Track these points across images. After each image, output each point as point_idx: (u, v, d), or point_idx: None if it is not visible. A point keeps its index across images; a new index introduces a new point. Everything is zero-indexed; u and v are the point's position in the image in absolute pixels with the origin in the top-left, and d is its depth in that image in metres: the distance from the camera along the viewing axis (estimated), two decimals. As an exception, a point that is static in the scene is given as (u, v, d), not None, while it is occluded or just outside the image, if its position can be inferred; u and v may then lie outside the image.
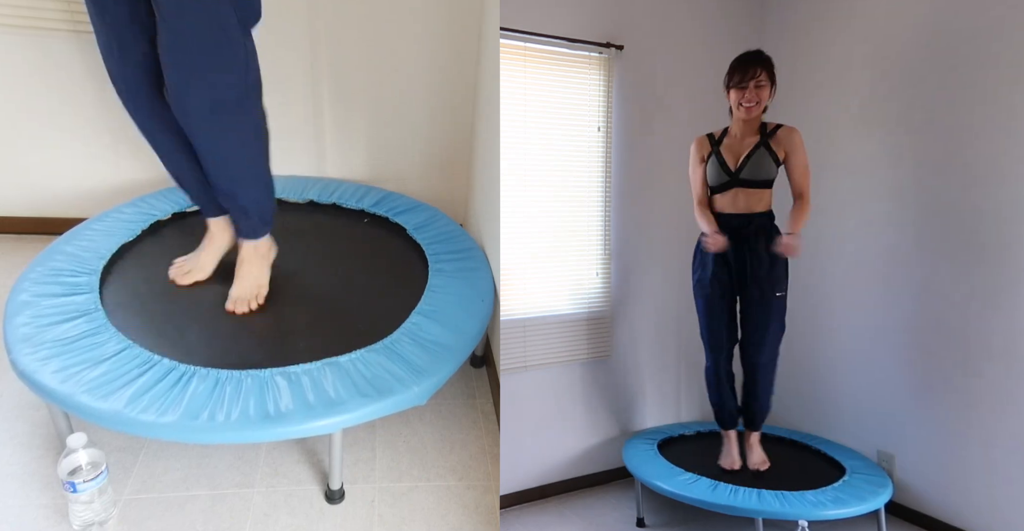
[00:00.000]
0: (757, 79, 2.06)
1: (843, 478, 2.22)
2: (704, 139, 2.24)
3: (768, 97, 2.10)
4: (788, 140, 2.14)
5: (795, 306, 2.72)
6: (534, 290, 2.48)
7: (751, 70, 2.06)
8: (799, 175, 2.15)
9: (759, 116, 2.14)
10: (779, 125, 2.16)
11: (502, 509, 2.40)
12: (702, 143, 2.24)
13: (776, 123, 2.17)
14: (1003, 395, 2.09)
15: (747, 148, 2.16)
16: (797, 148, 2.13)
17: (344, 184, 2.65)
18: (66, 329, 1.79)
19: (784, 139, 2.14)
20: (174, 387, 1.66)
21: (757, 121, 2.15)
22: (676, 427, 2.71)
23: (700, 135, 2.25)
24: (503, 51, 2.27)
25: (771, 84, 2.09)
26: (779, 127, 2.16)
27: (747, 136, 2.17)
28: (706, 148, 2.22)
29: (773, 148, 2.14)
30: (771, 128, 2.16)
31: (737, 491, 2.10)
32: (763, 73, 2.06)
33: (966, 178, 2.16)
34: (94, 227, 2.22)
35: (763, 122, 2.17)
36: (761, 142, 2.14)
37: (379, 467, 1.93)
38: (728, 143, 2.19)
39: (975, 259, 2.14)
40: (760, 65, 2.07)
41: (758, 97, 2.08)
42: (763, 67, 2.07)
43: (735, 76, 2.09)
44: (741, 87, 2.08)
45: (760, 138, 2.15)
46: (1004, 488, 2.10)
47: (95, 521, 1.65)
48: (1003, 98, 2.05)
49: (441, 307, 2.04)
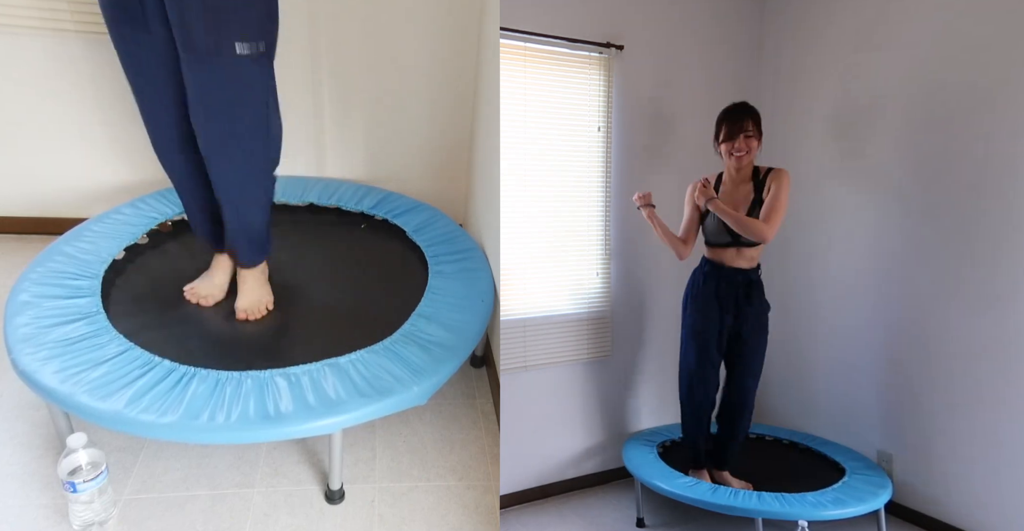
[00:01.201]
0: (745, 131, 2.12)
1: (843, 479, 2.22)
2: (704, 185, 2.22)
3: (757, 146, 2.15)
4: (774, 180, 2.16)
5: (794, 307, 2.72)
6: (534, 290, 2.48)
7: (739, 123, 2.12)
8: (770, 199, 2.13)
9: (751, 163, 2.18)
10: (769, 169, 2.19)
11: (502, 509, 2.40)
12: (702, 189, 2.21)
13: (767, 167, 2.20)
14: (1003, 395, 2.09)
15: (744, 205, 2.18)
16: (780, 184, 2.14)
17: (344, 185, 2.65)
18: (67, 331, 1.79)
19: (774, 181, 2.16)
20: (174, 388, 1.66)
21: (750, 167, 2.20)
22: (676, 427, 2.71)
23: (698, 180, 2.25)
24: (503, 51, 2.27)
25: (758, 135, 2.14)
26: (769, 171, 2.19)
27: (741, 184, 2.21)
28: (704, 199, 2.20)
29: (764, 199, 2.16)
30: (763, 174, 2.19)
31: (737, 492, 2.10)
32: (751, 124, 2.12)
33: (960, 181, 2.16)
34: (94, 228, 2.23)
35: (756, 166, 2.21)
36: (756, 200, 2.17)
37: (379, 467, 1.93)
38: (725, 192, 2.24)
39: (974, 259, 2.14)
40: (747, 116, 2.13)
41: (747, 147, 2.13)
42: (751, 118, 2.13)
43: (724, 130, 2.15)
44: (729, 140, 2.14)
45: (754, 194, 2.18)
46: (1004, 488, 2.10)
47: (95, 521, 1.65)
48: (994, 101, 2.05)
49: (441, 308, 2.04)
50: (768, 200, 2.14)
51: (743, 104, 2.17)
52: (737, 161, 2.16)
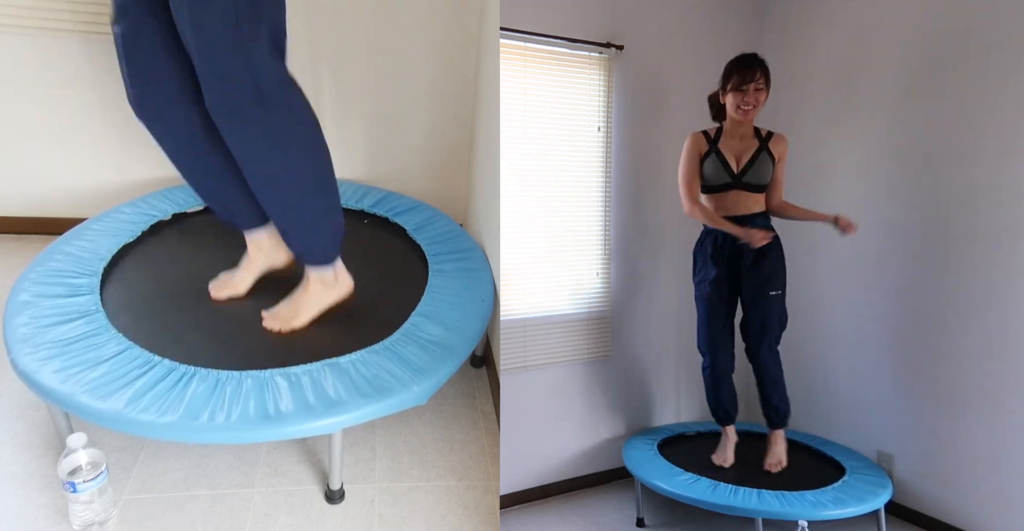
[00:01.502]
0: (756, 82, 2.07)
1: (843, 478, 2.22)
2: (701, 136, 2.22)
3: (764, 100, 2.12)
4: (782, 147, 2.20)
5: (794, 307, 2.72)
6: (534, 290, 2.48)
7: (750, 73, 2.07)
8: (781, 181, 2.25)
9: (752, 119, 2.16)
10: (770, 132, 2.20)
11: (502, 509, 2.40)
12: (699, 139, 2.22)
13: (766, 129, 2.20)
14: (1003, 395, 2.09)
15: (748, 150, 2.17)
16: (785, 155, 2.22)
17: (344, 184, 2.64)
18: (66, 330, 1.79)
19: (779, 144, 2.20)
20: (174, 387, 1.66)
21: (751, 124, 2.18)
22: (676, 427, 2.71)
23: (695, 132, 2.25)
24: (503, 51, 2.27)
25: (767, 88, 2.11)
26: (771, 133, 2.20)
27: (743, 138, 2.19)
28: (704, 145, 2.21)
29: (772, 153, 2.18)
30: (765, 133, 2.19)
31: (737, 491, 2.10)
32: (761, 76, 2.08)
33: (963, 179, 2.16)
34: (94, 227, 2.22)
35: (755, 127, 2.19)
36: (763, 146, 2.17)
37: (379, 467, 1.93)
38: (726, 142, 2.20)
39: (974, 259, 2.14)
40: (758, 67, 2.08)
41: (756, 100, 2.09)
42: (761, 70, 2.08)
43: (734, 79, 2.10)
44: (740, 90, 2.09)
45: (759, 143, 2.17)
46: (1004, 488, 2.10)
47: (95, 521, 1.65)
48: (995, 98, 2.05)
49: (441, 307, 2.04)
50: (779, 182, 2.23)
51: (754, 54, 2.11)
52: (743, 114, 2.11)
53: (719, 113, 2.24)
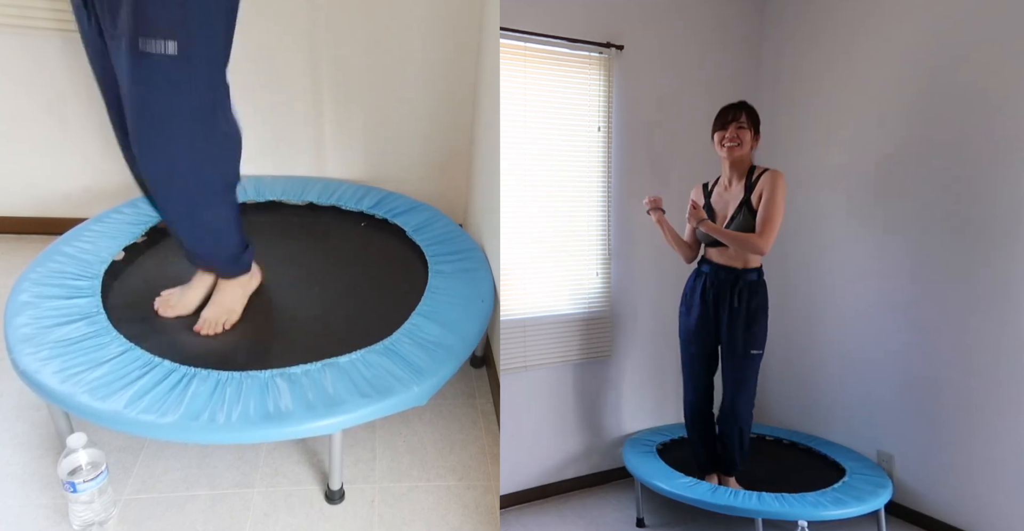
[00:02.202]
0: (738, 121, 2.12)
1: (843, 479, 2.22)
2: (700, 190, 2.31)
3: (751, 140, 2.14)
4: (766, 183, 2.11)
5: (795, 307, 2.72)
6: (534, 290, 2.48)
7: (731, 113, 2.13)
8: (763, 207, 2.08)
9: (744, 158, 2.15)
10: (764, 169, 2.15)
11: (502, 509, 2.40)
12: (698, 192, 2.31)
13: (763, 168, 2.16)
14: (1003, 395, 2.09)
15: (733, 203, 2.18)
16: (774, 188, 2.08)
17: (344, 184, 2.65)
18: (68, 331, 1.79)
19: (763, 184, 2.12)
20: (174, 388, 1.66)
21: (744, 164, 2.17)
22: (676, 427, 2.71)
23: (698, 184, 2.32)
24: (503, 51, 2.27)
25: (753, 130, 2.14)
26: (764, 172, 2.14)
27: (735, 182, 2.19)
28: (701, 199, 2.28)
29: (752, 202, 2.13)
30: (757, 174, 2.15)
31: (737, 492, 2.10)
32: (744, 116, 2.12)
33: (962, 184, 2.16)
34: (94, 228, 2.23)
35: (752, 166, 2.17)
36: (744, 199, 2.14)
37: (379, 467, 1.93)
38: (718, 193, 2.24)
39: (974, 260, 2.14)
40: (741, 110, 2.13)
41: (739, 137, 2.11)
42: (744, 111, 2.13)
43: (717, 120, 2.16)
44: (722, 129, 2.14)
45: (744, 194, 2.15)
46: (1004, 488, 2.10)
47: (95, 521, 1.65)
48: (999, 107, 2.05)
49: (441, 308, 2.04)
50: (761, 209, 2.08)
51: (741, 101, 2.17)
52: (728, 152, 2.13)
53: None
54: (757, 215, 2.10)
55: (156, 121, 1.57)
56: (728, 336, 2.19)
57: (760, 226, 2.08)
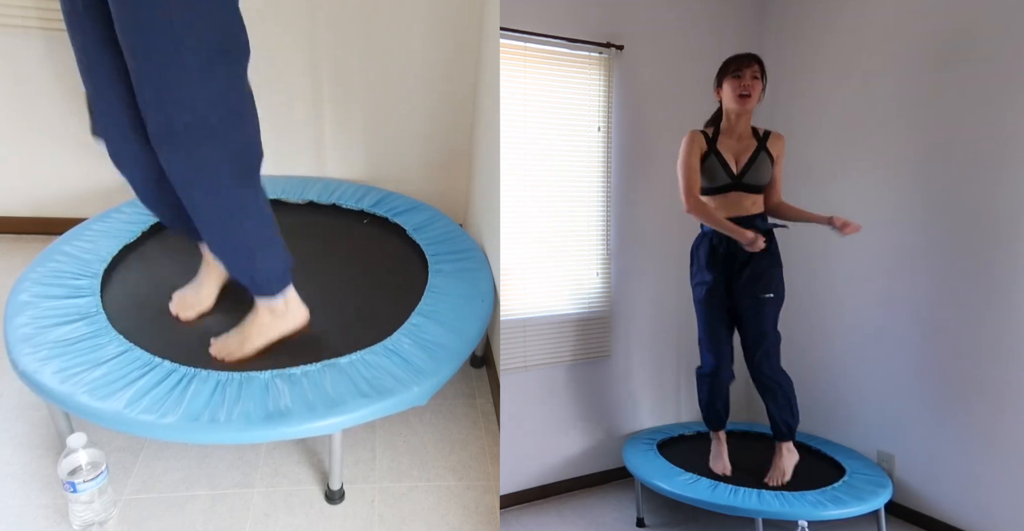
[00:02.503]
0: (752, 70, 2.08)
1: (843, 478, 2.22)
2: (699, 135, 2.18)
3: (760, 92, 2.11)
4: (780, 146, 2.19)
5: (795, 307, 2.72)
6: (534, 290, 2.48)
7: (746, 61, 2.09)
8: (779, 181, 2.24)
9: (750, 114, 2.13)
10: (768, 131, 2.19)
11: (502, 509, 2.40)
12: (698, 137, 2.18)
13: (764, 128, 2.18)
14: (1003, 395, 2.09)
15: (747, 150, 2.16)
16: (782, 155, 2.21)
17: (344, 184, 2.65)
18: (67, 331, 1.79)
19: (777, 143, 2.19)
20: (175, 388, 1.66)
21: (748, 121, 2.16)
22: (676, 427, 2.71)
23: (692, 131, 2.21)
24: (503, 51, 2.27)
25: (763, 82, 2.11)
26: (768, 133, 2.18)
27: (743, 138, 2.17)
28: (702, 145, 2.17)
29: (771, 153, 2.17)
30: (763, 132, 2.18)
31: (737, 491, 2.10)
32: (756, 66, 2.09)
33: (970, 180, 2.15)
34: (94, 227, 2.23)
35: (752, 126, 2.18)
36: (761, 146, 2.16)
37: (379, 467, 1.93)
38: (724, 142, 2.17)
39: (976, 260, 2.14)
40: (755, 60, 2.10)
41: (752, 88, 2.08)
42: (757, 62, 2.10)
43: (730, 66, 2.10)
44: (736, 76, 2.08)
45: (757, 142, 2.16)
46: (1004, 488, 2.10)
47: (95, 521, 1.65)
48: (1007, 97, 2.05)
49: (441, 308, 2.04)
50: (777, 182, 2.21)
51: (750, 53, 2.13)
52: (741, 103, 2.08)
53: (716, 117, 2.23)
54: (773, 180, 2.20)
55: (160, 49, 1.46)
56: (746, 284, 2.16)
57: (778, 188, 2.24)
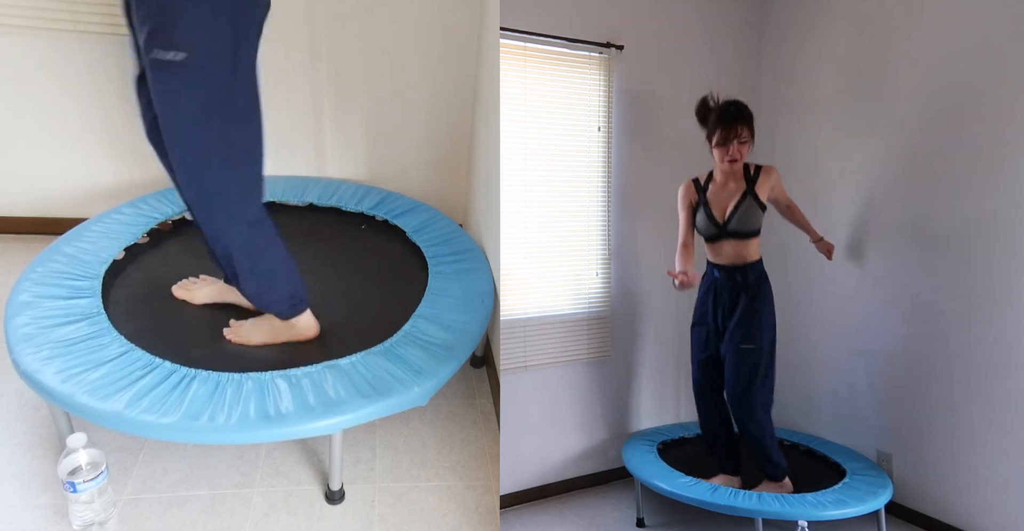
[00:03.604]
0: (739, 137, 2.10)
1: (843, 480, 2.22)
2: (691, 186, 2.28)
3: (749, 149, 2.14)
4: (770, 182, 2.18)
5: (794, 307, 2.72)
6: (534, 290, 2.48)
7: (733, 129, 2.10)
8: (790, 210, 2.33)
9: (740, 168, 2.18)
10: (759, 167, 2.19)
11: (502, 509, 2.40)
12: (689, 189, 2.28)
13: (756, 164, 2.19)
14: (1003, 395, 2.09)
15: (733, 196, 2.18)
16: (778, 187, 2.23)
17: (344, 185, 2.65)
18: (68, 331, 1.79)
19: (765, 181, 2.17)
20: (175, 389, 1.66)
21: (740, 171, 2.19)
22: (676, 428, 2.71)
23: (687, 181, 2.29)
24: (503, 51, 2.27)
25: (751, 138, 2.14)
26: (759, 169, 2.18)
27: (730, 181, 2.20)
28: (693, 196, 2.26)
29: (758, 195, 2.16)
30: (752, 171, 2.18)
31: (737, 492, 2.10)
32: (745, 130, 2.10)
33: (970, 183, 2.16)
34: (94, 228, 2.22)
35: (746, 164, 2.19)
36: (748, 191, 2.17)
37: (379, 467, 1.93)
38: (714, 191, 2.23)
39: (974, 262, 2.14)
40: (741, 121, 2.10)
41: (740, 154, 2.12)
42: (744, 123, 2.10)
43: (717, 134, 2.12)
44: (724, 146, 2.12)
45: (746, 185, 2.17)
46: (1003, 488, 2.10)
47: (95, 521, 1.65)
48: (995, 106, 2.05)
49: (441, 308, 2.04)
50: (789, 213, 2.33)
51: (735, 106, 2.12)
52: (730, 166, 2.15)
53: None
54: (788, 215, 2.33)
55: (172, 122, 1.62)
56: (728, 332, 2.20)
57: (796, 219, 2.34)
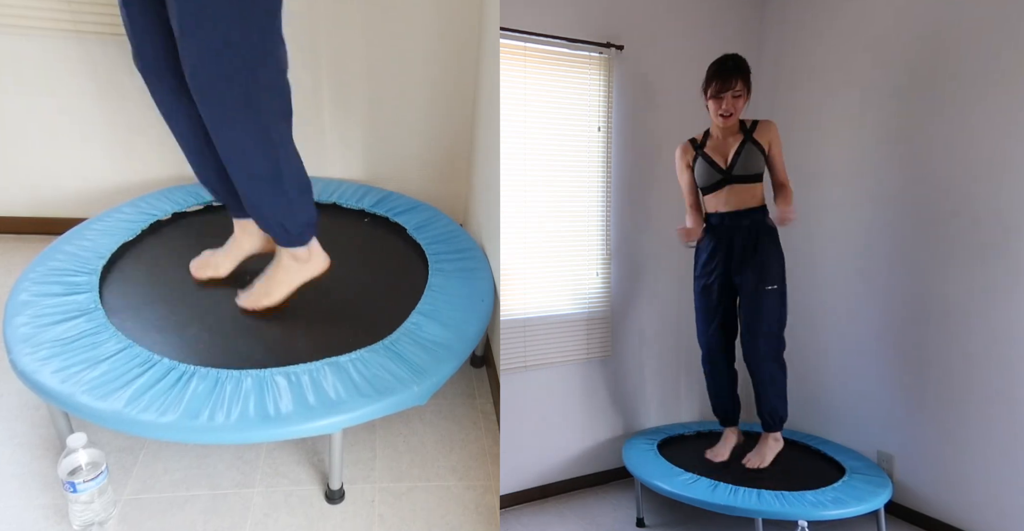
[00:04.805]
0: (733, 90, 2.11)
1: (843, 478, 2.22)
2: (687, 145, 2.30)
3: (744, 104, 2.15)
4: (769, 132, 2.20)
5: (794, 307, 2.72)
6: (534, 290, 2.48)
7: (728, 81, 2.11)
8: (780, 164, 2.22)
9: (734, 122, 2.19)
10: (756, 121, 2.22)
11: (502, 509, 2.40)
12: (686, 149, 2.30)
13: (752, 119, 2.22)
14: (1003, 395, 2.09)
15: (733, 145, 2.20)
16: (776, 139, 2.22)
17: (344, 184, 2.65)
18: (66, 328, 1.79)
19: (765, 131, 2.21)
20: (174, 387, 1.66)
21: (735, 126, 2.21)
22: (676, 427, 2.71)
23: (683, 142, 2.31)
24: (503, 51, 2.27)
25: (747, 92, 2.14)
26: (756, 122, 2.22)
27: (729, 136, 2.22)
28: (690, 153, 2.28)
29: (759, 141, 2.19)
30: (750, 124, 2.22)
31: (737, 491, 2.10)
32: (739, 83, 2.11)
33: (965, 181, 2.16)
34: (94, 227, 2.22)
35: (741, 120, 2.21)
36: (747, 138, 2.19)
37: (379, 467, 1.93)
38: (712, 144, 2.24)
39: (973, 260, 2.14)
40: (737, 74, 2.11)
41: (734, 107, 2.13)
42: (740, 76, 2.11)
43: (712, 86, 2.14)
44: (718, 98, 2.13)
45: (744, 135, 2.20)
46: (1004, 488, 2.10)
47: (95, 521, 1.65)
48: (995, 101, 2.05)
49: (441, 307, 2.04)
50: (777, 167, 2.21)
51: (733, 58, 2.14)
52: (723, 121, 2.16)
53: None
54: (776, 171, 2.21)
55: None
56: (745, 275, 2.20)
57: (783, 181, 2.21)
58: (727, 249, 2.24)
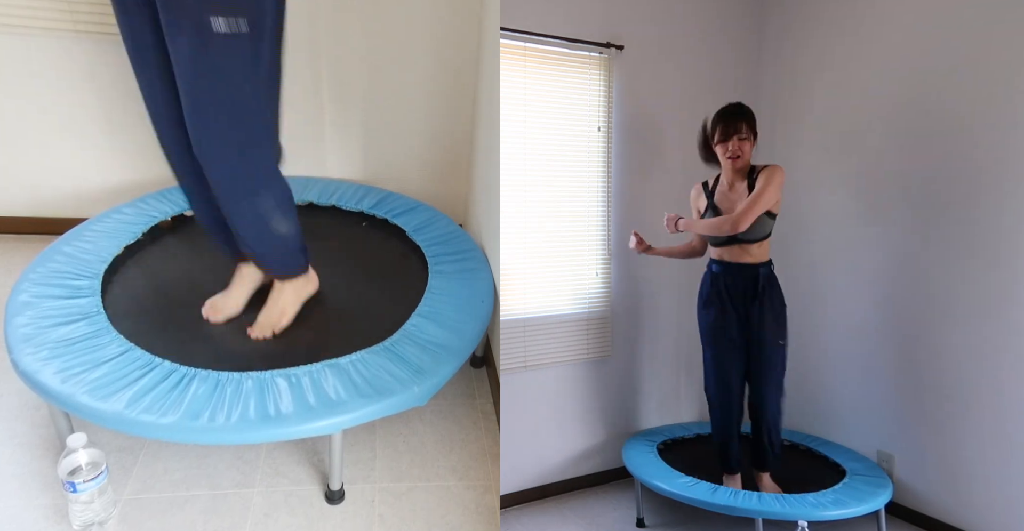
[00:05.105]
0: (739, 134, 2.12)
1: (843, 480, 2.22)
2: (700, 189, 2.31)
3: (751, 148, 2.16)
4: (765, 173, 2.13)
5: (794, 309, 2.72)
6: (534, 290, 2.48)
7: (733, 125, 2.13)
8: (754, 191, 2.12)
9: (746, 165, 2.18)
10: (764, 166, 2.16)
11: (502, 509, 2.40)
12: (699, 193, 2.32)
13: (762, 165, 2.17)
14: (1003, 395, 2.09)
15: (740, 199, 2.18)
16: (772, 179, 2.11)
17: (344, 184, 2.65)
18: (68, 331, 1.79)
19: (763, 173, 2.14)
20: (175, 388, 1.66)
21: (746, 167, 2.19)
22: (676, 428, 2.71)
23: (697, 183, 2.32)
24: (503, 51, 2.27)
25: (752, 136, 2.15)
26: (763, 169, 2.16)
27: (736, 182, 2.21)
28: (702, 200, 2.29)
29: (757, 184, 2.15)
30: (757, 171, 2.16)
31: (737, 492, 2.10)
32: (745, 127, 2.13)
33: (964, 186, 2.15)
34: (94, 228, 2.23)
35: (752, 166, 2.19)
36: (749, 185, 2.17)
37: (379, 467, 1.93)
38: (721, 193, 2.24)
39: (974, 261, 2.14)
40: (742, 119, 2.13)
41: (741, 150, 2.14)
42: (744, 121, 2.13)
43: (719, 130, 2.16)
44: (724, 142, 2.14)
45: (748, 191, 2.16)
46: (1004, 488, 2.10)
47: (95, 521, 1.65)
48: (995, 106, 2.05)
49: (441, 309, 2.04)
50: (751, 194, 2.13)
51: (738, 105, 2.16)
52: (732, 164, 2.16)
53: (709, 157, 2.25)
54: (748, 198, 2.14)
55: (221, 101, 1.61)
56: (758, 334, 2.21)
57: (743, 206, 2.12)
58: (737, 297, 2.23)
